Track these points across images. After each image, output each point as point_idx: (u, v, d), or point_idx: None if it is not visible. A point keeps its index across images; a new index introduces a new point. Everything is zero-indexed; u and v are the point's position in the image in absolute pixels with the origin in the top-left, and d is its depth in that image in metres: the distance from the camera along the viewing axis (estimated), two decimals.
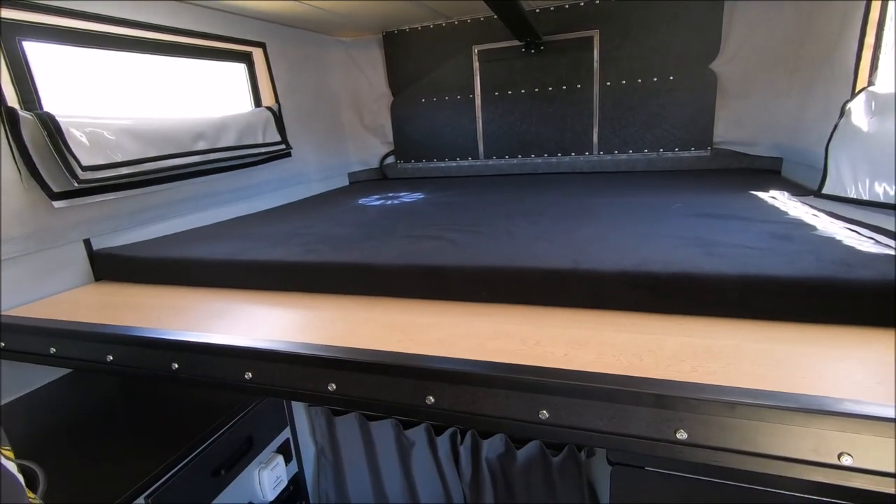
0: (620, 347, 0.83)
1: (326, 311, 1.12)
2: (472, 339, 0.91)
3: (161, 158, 1.72)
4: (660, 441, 0.66)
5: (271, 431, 1.53)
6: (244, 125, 2.15)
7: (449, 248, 1.28)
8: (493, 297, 1.08)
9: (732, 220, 1.39)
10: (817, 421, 0.59)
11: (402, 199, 2.26)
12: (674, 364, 0.76)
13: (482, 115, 2.84)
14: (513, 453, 1.44)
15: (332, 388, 0.83)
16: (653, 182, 2.23)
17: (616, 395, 0.65)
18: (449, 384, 0.75)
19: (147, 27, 1.79)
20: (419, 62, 2.88)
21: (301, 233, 1.62)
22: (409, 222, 1.71)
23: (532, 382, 0.71)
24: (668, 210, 1.57)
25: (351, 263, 1.20)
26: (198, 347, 0.93)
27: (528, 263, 1.07)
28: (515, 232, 1.41)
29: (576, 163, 2.75)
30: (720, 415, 0.62)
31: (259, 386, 0.90)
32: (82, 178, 1.42)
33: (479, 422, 0.75)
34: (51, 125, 1.37)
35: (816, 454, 0.59)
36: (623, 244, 1.20)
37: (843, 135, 1.55)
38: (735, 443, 0.62)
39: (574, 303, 1.03)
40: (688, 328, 0.89)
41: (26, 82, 1.42)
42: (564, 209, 1.72)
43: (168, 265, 1.39)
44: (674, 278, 0.95)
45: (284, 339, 0.93)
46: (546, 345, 0.86)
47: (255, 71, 2.38)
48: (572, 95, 2.63)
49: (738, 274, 0.92)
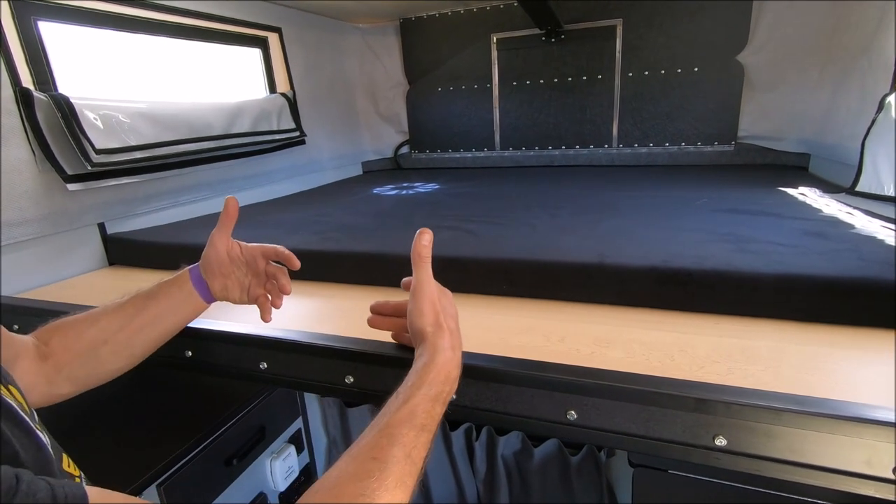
0: (650, 346, 0.79)
1: (343, 301, 1.10)
2: (495, 334, 0.87)
3: (176, 143, 1.69)
4: (696, 447, 0.62)
5: (284, 421, 1.52)
6: (259, 111, 2.12)
7: (468, 238, 1.25)
8: (514, 290, 1.05)
9: (762, 216, 1.34)
10: (871, 432, 0.55)
11: (418, 190, 2.22)
12: (707, 365, 0.72)
13: (499, 105, 2.78)
14: (530, 451, 1.41)
15: (350, 380, 0.81)
16: (675, 176, 2.17)
17: (653, 397, 0.62)
18: (473, 380, 0.72)
19: (163, 9, 1.77)
20: (436, 50, 2.83)
21: (316, 221, 1.59)
22: (426, 212, 1.68)
23: (561, 381, 0.67)
24: (693, 205, 1.52)
25: (368, 253, 1.17)
26: (212, 335, 0.90)
27: (552, 256, 1.03)
28: (536, 224, 1.37)
29: (594, 156, 2.69)
30: (764, 422, 0.58)
31: (274, 376, 0.88)
32: (96, 161, 1.41)
33: (503, 420, 0.72)
34: (65, 107, 1.35)
35: (869, 467, 0.55)
36: (650, 238, 1.16)
37: (881, 130, 1.48)
38: (779, 452, 0.59)
39: (599, 298, 0.99)
40: (721, 327, 0.85)
41: (41, 63, 1.40)
42: (585, 202, 1.67)
43: (183, 251, 1.36)
44: (706, 275, 0.91)
45: (301, 328, 0.90)
46: (571, 341, 0.83)
47: (271, 56, 2.35)
48: (593, 86, 2.57)
49: (775, 272, 0.87)
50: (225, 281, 0.82)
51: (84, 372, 0.74)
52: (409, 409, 0.53)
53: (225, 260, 0.81)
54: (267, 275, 0.84)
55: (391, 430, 0.51)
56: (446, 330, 0.62)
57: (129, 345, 0.76)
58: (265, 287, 0.85)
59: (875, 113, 1.53)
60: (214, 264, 0.80)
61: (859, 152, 1.56)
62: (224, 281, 0.82)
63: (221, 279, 0.82)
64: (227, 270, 0.81)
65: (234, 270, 0.82)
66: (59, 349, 0.72)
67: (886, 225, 1.17)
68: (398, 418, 0.52)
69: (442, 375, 0.58)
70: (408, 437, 0.51)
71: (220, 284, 0.82)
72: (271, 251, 0.83)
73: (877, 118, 1.51)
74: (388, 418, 0.53)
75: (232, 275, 0.82)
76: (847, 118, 1.86)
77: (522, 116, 2.76)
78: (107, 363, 0.76)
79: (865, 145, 1.53)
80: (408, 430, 0.51)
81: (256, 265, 0.83)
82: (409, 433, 0.51)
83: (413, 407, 0.53)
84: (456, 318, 0.68)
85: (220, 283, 0.82)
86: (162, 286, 0.80)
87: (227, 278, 0.82)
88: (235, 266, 0.82)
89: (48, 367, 0.71)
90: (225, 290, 0.82)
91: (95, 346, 0.74)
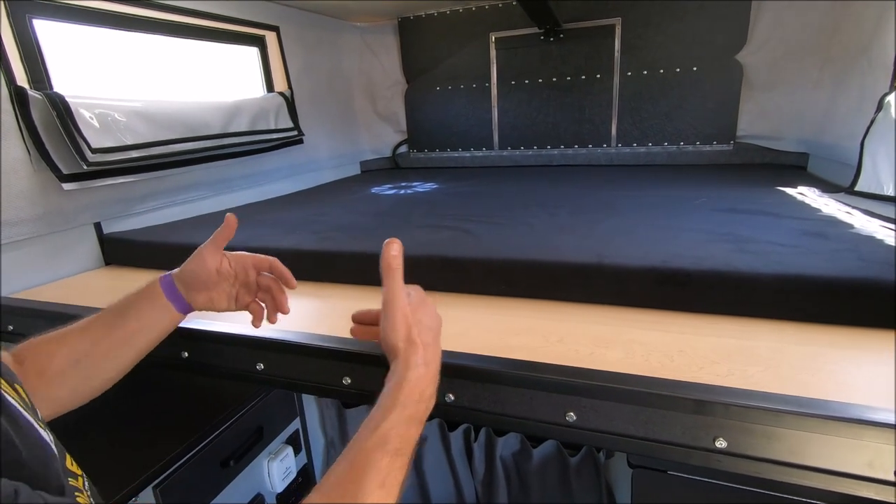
0: (649, 346, 0.79)
1: (341, 301, 1.09)
2: (493, 334, 0.87)
3: (172, 142, 1.69)
4: (696, 449, 0.62)
5: (281, 422, 1.51)
6: (256, 110, 2.11)
7: (466, 238, 1.24)
8: (512, 290, 1.04)
9: (761, 216, 1.34)
10: (872, 434, 0.54)
11: (416, 189, 2.21)
12: (707, 366, 0.72)
13: (498, 104, 2.78)
14: (528, 452, 1.40)
15: (348, 381, 0.80)
16: (673, 176, 2.17)
17: (652, 399, 0.61)
18: (471, 381, 0.71)
19: (159, 7, 1.76)
20: (434, 49, 2.82)
21: (314, 220, 1.58)
22: (424, 212, 1.67)
23: (559, 382, 0.67)
24: (692, 204, 1.52)
25: (366, 253, 1.17)
26: (209, 336, 0.90)
27: (550, 257, 1.03)
28: (535, 224, 1.36)
29: (593, 155, 2.68)
30: (765, 423, 0.58)
31: (271, 377, 0.87)
32: (92, 160, 1.40)
33: (501, 422, 0.72)
34: (60, 106, 1.34)
35: (870, 469, 0.55)
36: (648, 238, 1.15)
37: (881, 129, 1.48)
38: (780, 454, 0.58)
39: (598, 298, 0.98)
40: (720, 328, 0.85)
41: (36, 61, 1.39)
42: (584, 201, 1.67)
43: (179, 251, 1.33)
44: (705, 275, 0.90)
45: (299, 329, 0.89)
46: (570, 342, 0.82)
47: (268, 55, 2.34)
48: (591, 86, 2.56)
49: (774, 272, 0.87)
50: (210, 294, 0.79)
51: (59, 393, 0.70)
52: (382, 435, 0.51)
53: (213, 275, 0.78)
54: (259, 286, 0.82)
55: (363, 458, 0.49)
56: (419, 345, 0.59)
57: (101, 367, 0.73)
58: (257, 297, 0.82)
59: (874, 112, 1.53)
60: (200, 278, 0.77)
61: (858, 152, 1.55)
62: (209, 294, 0.79)
63: (206, 293, 0.79)
64: (213, 284, 0.79)
65: (221, 282, 0.79)
66: (32, 371, 0.68)
67: (885, 224, 1.17)
68: (370, 445, 0.50)
69: (415, 394, 0.56)
70: (381, 464, 0.48)
71: (204, 298, 0.79)
72: (265, 263, 0.80)
73: (876, 118, 1.51)
74: (360, 444, 0.51)
75: (218, 287, 0.79)
76: (845, 117, 1.86)
77: (521, 116, 2.76)
78: (81, 384, 0.72)
79: (864, 145, 1.53)
80: (381, 456, 0.49)
81: (247, 276, 0.81)
82: (382, 460, 0.49)
83: (385, 432, 0.51)
84: (435, 329, 0.65)
85: (205, 297, 0.79)
86: (132, 301, 0.76)
87: (212, 291, 0.79)
88: (223, 278, 0.80)
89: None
90: (210, 303, 0.79)
91: (65, 368, 0.70)
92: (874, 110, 1.53)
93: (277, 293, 0.81)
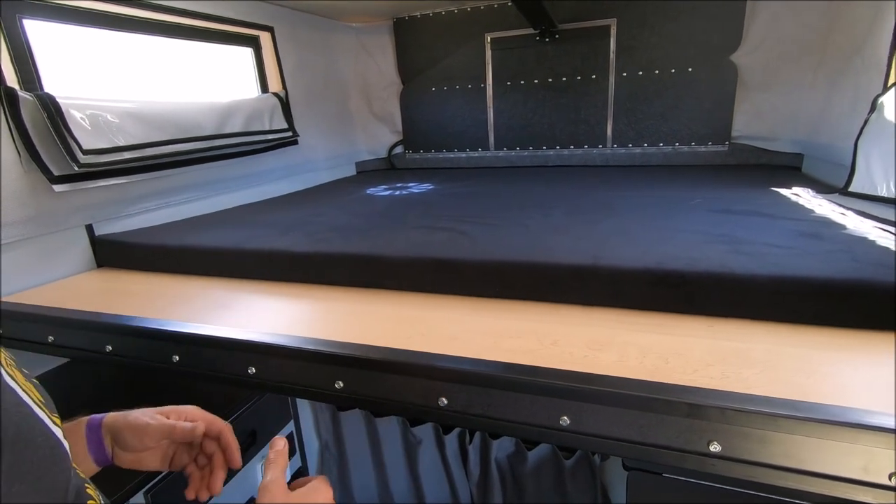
0: (644, 349, 0.78)
1: (334, 304, 1.08)
2: (487, 337, 0.86)
3: (165, 143, 1.67)
4: (691, 453, 0.61)
5: (275, 425, 1.50)
6: (251, 111, 2.10)
7: (462, 240, 1.24)
8: (506, 292, 1.03)
9: (756, 216, 1.34)
10: (868, 437, 0.54)
11: (412, 190, 2.21)
12: (701, 368, 0.71)
13: (493, 105, 2.77)
14: (523, 454, 1.40)
15: (340, 385, 0.79)
16: (669, 176, 2.17)
17: (647, 402, 0.61)
18: (464, 385, 0.71)
19: (152, 7, 1.74)
20: (430, 50, 2.82)
21: (309, 221, 1.57)
22: (420, 213, 1.66)
23: (553, 387, 0.66)
24: (687, 205, 1.52)
25: (361, 254, 1.16)
26: (200, 340, 0.89)
27: (545, 258, 1.02)
28: (530, 224, 1.36)
29: (588, 156, 2.68)
30: (759, 427, 0.58)
31: (263, 381, 0.86)
32: (83, 161, 1.38)
33: (495, 426, 0.71)
34: (51, 107, 1.33)
35: (866, 473, 0.55)
36: (644, 239, 1.15)
37: (874, 130, 1.48)
38: (775, 458, 0.58)
39: (593, 300, 0.98)
40: (715, 330, 0.84)
41: (26, 62, 1.38)
42: (579, 202, 1.66)
43: (172, 253, 1.35)
44: (700, 277, 0.90)
45: (290, 332, 0.89)
46: (564, 344, 0.82)
47: (263, 56, 2.33)
48: (587, 86, 2.56)
49: (769, 274, 0.86)
50: (139, 456, 0.71)
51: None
52: None
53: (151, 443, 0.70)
54: (202, 449, 0.74)
55: None
56: None
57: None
58: (196, 459, 0.74)
59: (868, 113, 1.53)
60: (131, 444, 0.69)
61: (852, 152, 1.56)
62: (139, 455, 0.71)
63: (135, 455, 0.71)
64: (145, 450, 0.71)
65: (158, 445, 0.71)
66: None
67: (879, 225, 1.17)
68: None
69: None
70: None
71: (131, 458, 0.71)
72: (214, 428, 0.73)
73: (870, 118, 1.51)
74: None
75: (153, 450, 0.72)
76: (839, 118, 1.86)
77: (516, 116, 2.75)
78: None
79: (858, 145, 1.53)
80: None
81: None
82: None
83: None
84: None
85: (133, 458, 0.71)
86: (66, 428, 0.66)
87: (143, 454, 0.71)
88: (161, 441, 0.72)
89: None
90: (137, 463, 0.71)
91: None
92: (868, 111, 1.53)
93: (217, 468, 0.73)
